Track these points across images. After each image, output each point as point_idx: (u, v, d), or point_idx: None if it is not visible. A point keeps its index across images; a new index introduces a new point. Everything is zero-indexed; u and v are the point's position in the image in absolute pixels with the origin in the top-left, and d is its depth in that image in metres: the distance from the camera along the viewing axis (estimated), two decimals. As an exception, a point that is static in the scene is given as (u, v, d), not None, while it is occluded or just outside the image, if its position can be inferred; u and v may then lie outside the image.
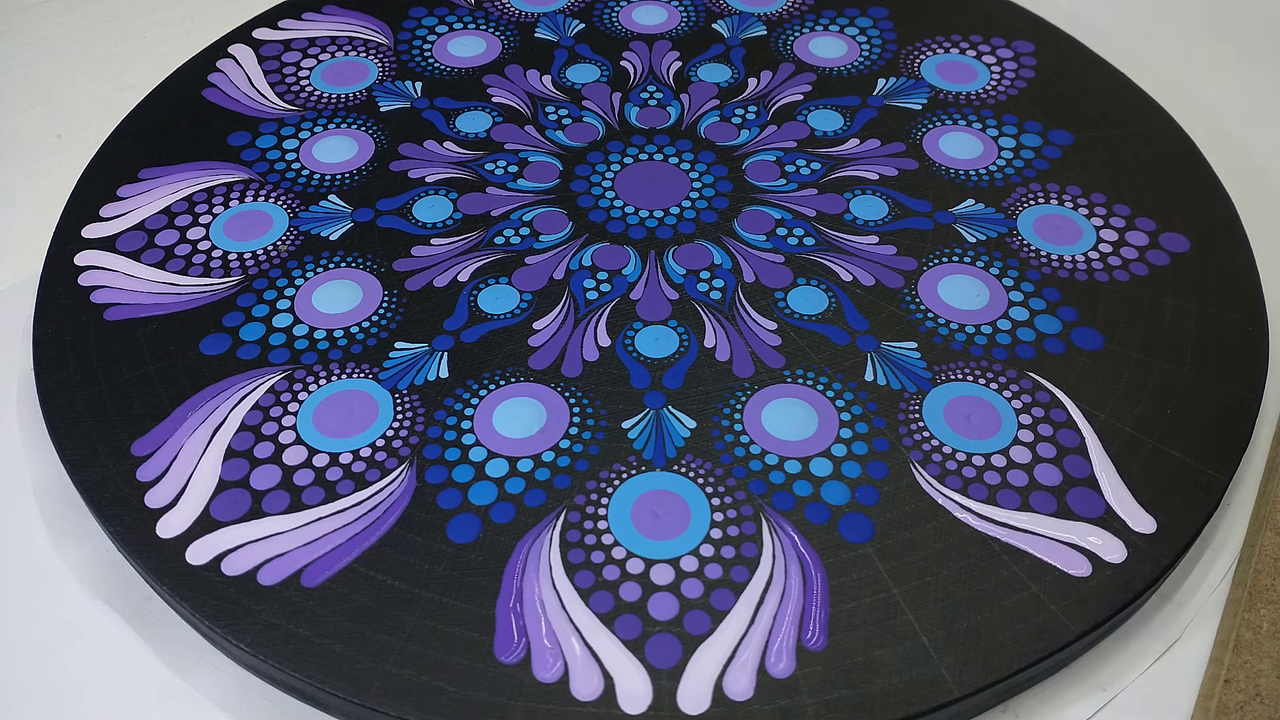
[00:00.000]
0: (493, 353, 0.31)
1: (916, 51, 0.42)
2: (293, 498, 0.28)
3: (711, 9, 0.44)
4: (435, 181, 0.36)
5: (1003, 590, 0.26)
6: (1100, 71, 0.41)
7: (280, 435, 0.29)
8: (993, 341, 0.31)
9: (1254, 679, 0.25)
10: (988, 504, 0.28)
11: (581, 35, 0.43)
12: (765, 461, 0.29)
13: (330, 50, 0.42)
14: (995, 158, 0.37)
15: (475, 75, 0.41)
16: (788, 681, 0.24)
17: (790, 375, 0.31)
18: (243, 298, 0.33)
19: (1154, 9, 0.47)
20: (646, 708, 0.24)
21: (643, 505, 0.28)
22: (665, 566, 0.26)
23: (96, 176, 0.36)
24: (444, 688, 0.24)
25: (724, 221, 0.35)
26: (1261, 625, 0.26)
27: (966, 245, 0.34)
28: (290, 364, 0.31)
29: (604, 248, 0.34)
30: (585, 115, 0.39)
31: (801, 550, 0.27)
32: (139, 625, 0.27)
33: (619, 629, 0.25)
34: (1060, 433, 0.29)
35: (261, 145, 0.38)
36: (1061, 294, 0.33)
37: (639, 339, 0.32)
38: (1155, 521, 0.27)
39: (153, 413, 0.29)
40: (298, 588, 0.26)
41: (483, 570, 0.26)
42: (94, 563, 0.28)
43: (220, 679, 0.26)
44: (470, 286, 0.33)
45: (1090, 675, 0.26)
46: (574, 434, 0.29)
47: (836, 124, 0.39)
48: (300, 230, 0.35)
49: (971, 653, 0.25)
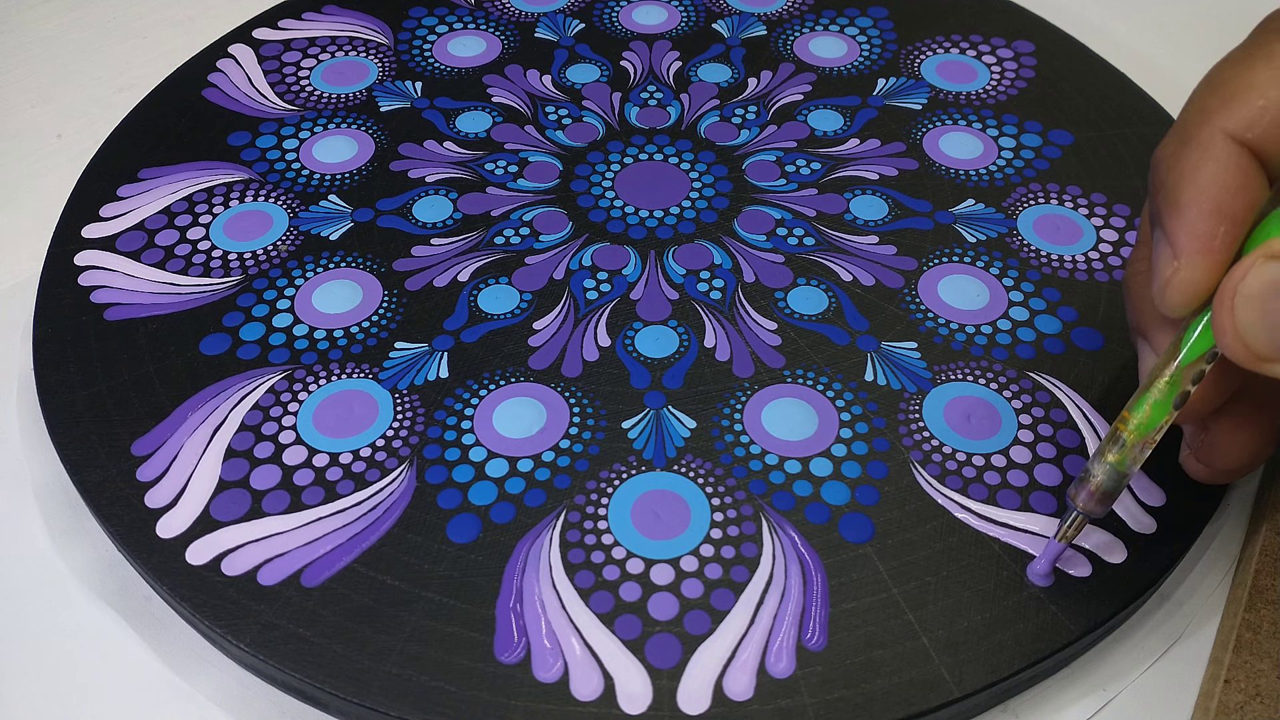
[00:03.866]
0: (493, 353, 0.31)
1: (916, 51, 0.42)
2: (293, 498, 0.28)
3: (711, 9, 0.44)
4: (435, 181, 0.36)
5: (1003, 590, 0.26)
6: (1100, 71, 0.41)
7: (280, 435, 0.29)
8: (993, 341, 0.32)
9: (1254, 679, 0.25)
10: (988, 504, 0.28)
11: (581, 35, 0.43)
12: (765, 461, 0.29)
13: (330, 50, 0.42)
14: (995, 158, 0.37)
15: (475, 75, 0.41)
16: (788, 681, 0.24)
17: (790, 375, 0.31)
18: (243, 298, 0.33)
19: (1154, 9, 0.47)
20: (646, 708, 0.24)
21: (643, 505, 0.28)
22: (665, 566, 0.26)
23: (96, 176, 0.36)
24: (444, 688, 0.24)
25: (724, 221, 0.35)
26: (1261, 625, 0.26)
27: (966, 245, 0.34)
28: (290, 364, 0.31)
29: (604, 248, 0.34)
30: (585, 115, 0.39)
31: (801, 550, 0.27)
32: (139, 625, 0.27)
33: (619, 629, 0.25)
34: (1060, 433, 0.29)
35: (261, 145, 0.38)
36: (1061, 294, 0.33)
37: (639, 339, 0.32)
38: (1155, 522, 0.27)
39: (153, 413, 0.29)
40: (298, 588, 0.26)
41: (483, 570, 0.26)
42: (94, 563, 0.28)
43: (220, 679, 0.26)
44: (470, 286, 0.33)
45: (1090, 675, 0.26)
46: (574, 434, 0.29)
47: (836, 124, 0.39)
48: (300, 230, 0.35)
49: (971, 653, 0.25)
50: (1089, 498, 0.24)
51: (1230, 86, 0.23)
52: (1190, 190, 0.23)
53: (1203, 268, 0.22)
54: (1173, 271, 0.23)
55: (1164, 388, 0.23)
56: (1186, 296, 0.23)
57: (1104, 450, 0.24)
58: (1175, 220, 0.23)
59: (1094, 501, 0.24)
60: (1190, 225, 0.22)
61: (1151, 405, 0.23)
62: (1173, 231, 0.23)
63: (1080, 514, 0.25)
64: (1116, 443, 0.24)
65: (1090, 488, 0.24)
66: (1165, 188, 0.23)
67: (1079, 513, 0.25)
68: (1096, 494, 0.24)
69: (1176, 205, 0.23)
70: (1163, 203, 0.23)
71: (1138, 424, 0.24)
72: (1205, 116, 0.23)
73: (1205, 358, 0.23)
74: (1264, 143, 0.22)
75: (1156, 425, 0.24)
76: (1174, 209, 0.23)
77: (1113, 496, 0.24)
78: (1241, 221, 0.22)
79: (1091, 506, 0.24)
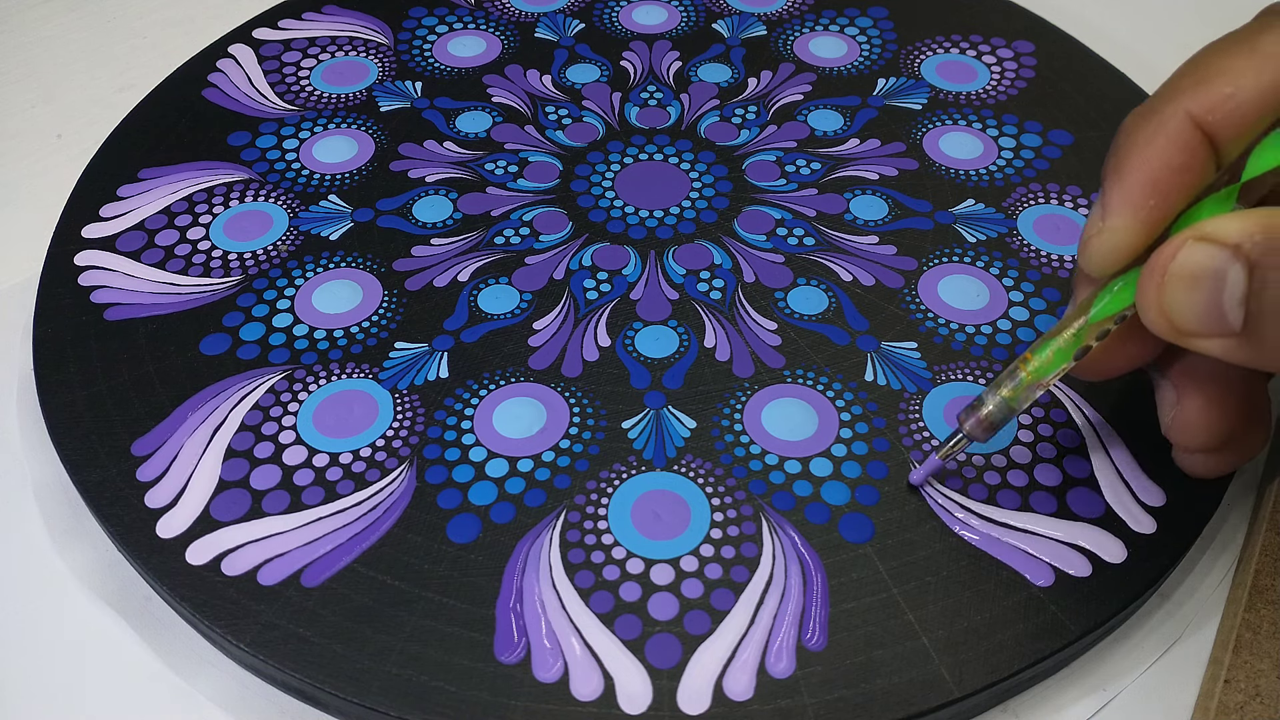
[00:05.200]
0: (493, 353, 0.31)
1: (916, 51, 0.42)
2: (293, 498, 0.28)
3: (711, 9, 0.44)
4: (435, 181, 0.36)
5: (1003, 590, 0.26)
6: (1100, 71, 0.41)
7: (280, 435, 0.29)
8: (993, 341, 0.32)
9: (1254, 679, 0.25)
10: (988, 504, 0.28)
11: (581, 35, 0.43)
12: (765, 461, 0.29)
13: (330, 50, 0.42)
14: (995, 158, 0.37)
15: (475, 75, 0.41)
16: (788, 681, 0.24)
17: (790, 375, 0.31)
18: (243, 298, 0.33)
19: (1154, 9, 0.47)
20: (646, 708, 0.24)
21: (643, 505, 0.28)
22: (665, 566, 0.26)
23: (96, 176, 0.36)
24: (444, 688, 0.24)
25: (724, 221, 0.35)
26: (1261, 625, 0.26)
27: (966, 245, 0.34)
28: (290, 364, 0.31)
29: (604, 248, 0.34)
30: (585, 115, 0.39)
31: (801, 550, 0.27)
32: (139, 625, 0.27)
33: (619, 629, 0.25)
34: (1060, 433, 0.29)
35: (261, 145, 0.38)
36: (1062, 294, 0.33)
37: (639, 339, 0.32)
38: (1155, 521, 0.27)
39: (153, 413, 0.29)
40: (298, 588, 0.26)
41: (483, 570, 0.26)
42: (94, 563, 0.28)
43: (220, 679, 0.26)
44: (470, 286, 0.33)
45: (1090, 675, 0.26)
46: (574, 434, 0.29)
47: (836, 124, 0.39)
48: (300, 230, 0.35)
49: (971, 653, 0.25)
50: (976, 424, 0.26)
51: (1206, 69, 0.24)
52: (1135, 159, 0.24)
53: (1124, 232, 0.23)
54: (1097, 231, 0.24)
55: (1069, 338, 0.25)
56: (1104, 257, 0.24)
57: (1000, 383, 0.26)
58: (1114, 183, 0.24)
59: (980, 429, 0.26)
60: (1125, 190, 0.23)
61: (1054, 351, 0.25)
62: (1108, 193, 0.24)
63: (965, 435, 0.27)
64: (1013, 379, 0.26)
65: (979, 415, 0.26)
66: (1116, 151, 0.24)
67: (964, 434, 0.27)
68: (984, 422, 0.26)
69: (1119, 170, 0.24)
70: (1110, 165, 0.24)
71: (1036, 366, 0.26)
72: (1174, 94, 0.24)
73: (1114, 319, 0.24)
74: (1221, 129, 0.23)
75: (1054, 371, 0.25)
76: (1116, 173, 0.24)
77: (998, 427, 0.26)
78: (1174, 199, 0.23)
79: (977, 432, 0.26)
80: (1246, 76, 0.23)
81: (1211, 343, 0.22)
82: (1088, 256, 0.24)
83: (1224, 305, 0.22)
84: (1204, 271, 0.22)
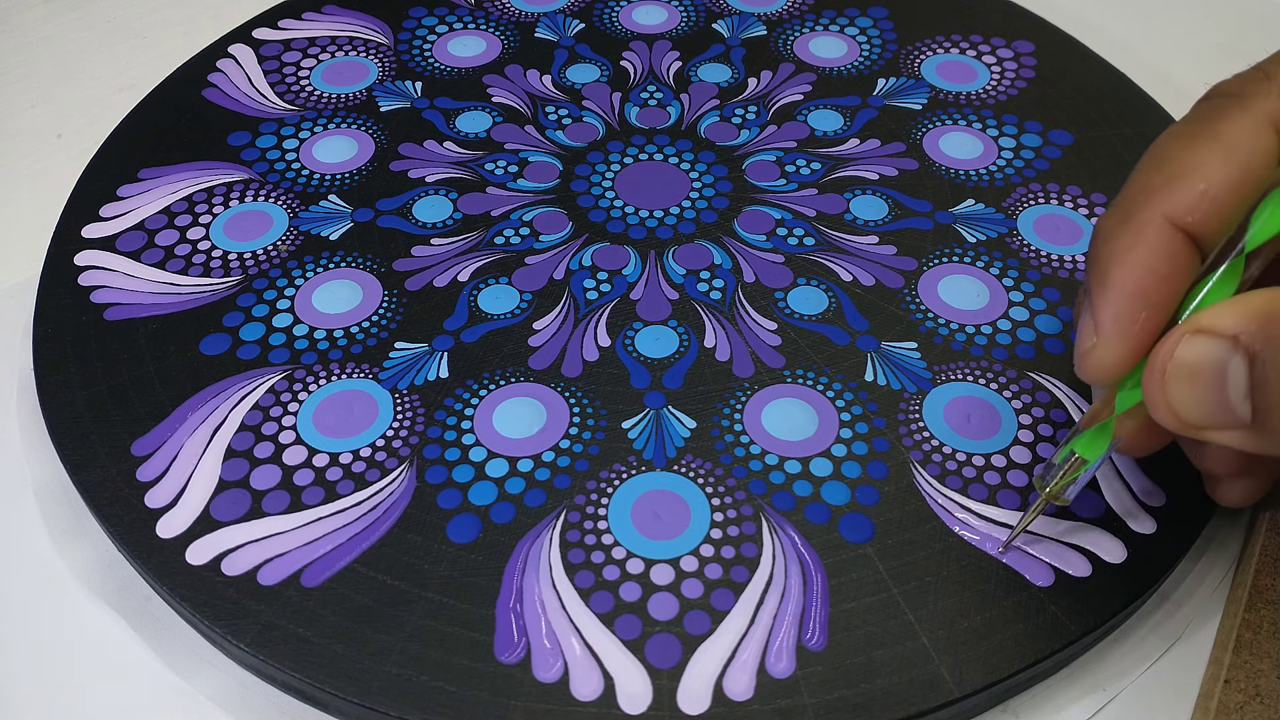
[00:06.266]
0: (493, 353, 0.31)
1: (916, 51, 0.42)
2: (293, 498, 0.28)
3: (711, 9, 0.44)
4: (435, 181, 0.36)
5: (1003, 590, 0.26)
6: (1100, 71, 0.41)
7: (280, 435, 0.29)
8: (993, 341, 0.32)
9: (1254, 679, 0.25)
10: (988, 504, 0.28)
11: (581, 35, 0.43)
12: (765, 461, 0.29)
13: (330, 50, 0.42)
14: (995, 158, 0.37)
15: (475, 75, 0.41)
16: (788, 681, 0.24)
17: (790, 375, 0.31)
18: (243, 298, 0.33)
19: (1154, 9, 0.47)
20: (646, 708, 0.24)
21: (643, 505, 0.28)
22: (665, 566, 0.26)
23: (96, 176, 0.36)
24: (444, 688, 0.24)
25: (724, 221, 0.35)
26: (1261, 625, 0.26)
27: (966, 245, 0.34)
28: (290, 364, 0.31)
29: (604, 248, 0.34)
30: (585, 115, 0.39)
31: (801, 550, 0.27)
32: (139, 625, 0.27)
33: (619, 629, 0.25)
34: (1060, 433, 0.29)
35: (261, 145, 0.38)
36: (1061, 294, 0.33)
37: (639, 339, 0.32)
38: (1155, 521, 0.27)
39: (153, 413, 0.29)
40: (298, 588, 0.26)
41: (483, 570, 0.26)
42: (94, 563, 0.28)
43: (220, 679, 0.26)
44: (470, 286, 0.33)
45: (1090, 675, 0.26)
46: (574, 434, 0.29)
47: (836, 124, 0.39)
48: (300, 230, 0.35)
49: (971, 653, 0.25)
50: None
51: (1173, 165, 0.23)
52: (1119, 270, 0.23)
53: (1118, 350, 0.23)
54: (1091, 346, 0.23)
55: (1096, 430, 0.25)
56: (1101, 373, 0.23)
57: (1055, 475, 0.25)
58: (1101, 297, 0.23)
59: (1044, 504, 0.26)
60: (1113, 306, 0.23)
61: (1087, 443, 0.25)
62: (1097, 308, 0.23)
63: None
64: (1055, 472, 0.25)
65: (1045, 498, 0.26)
66: (1098, 261, 0.24)
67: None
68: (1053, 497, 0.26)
69: (1104, 282, 0.23)
70: (1094, 275, 0.24)
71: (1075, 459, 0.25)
72: (1147, 196, 0.23)
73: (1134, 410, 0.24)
74: (1203, 227, 0.23)
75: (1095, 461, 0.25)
76: (1101, 285, 0.23)
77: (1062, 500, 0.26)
78: (1165, 307, 0.23)
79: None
80: (1215, 169, 0.23)
81: (1224, 434, 0.22)
82: (1085, 372, 0.24)
83: (1230, 398, 0.21)
84: (1203, 365, 0.21)
